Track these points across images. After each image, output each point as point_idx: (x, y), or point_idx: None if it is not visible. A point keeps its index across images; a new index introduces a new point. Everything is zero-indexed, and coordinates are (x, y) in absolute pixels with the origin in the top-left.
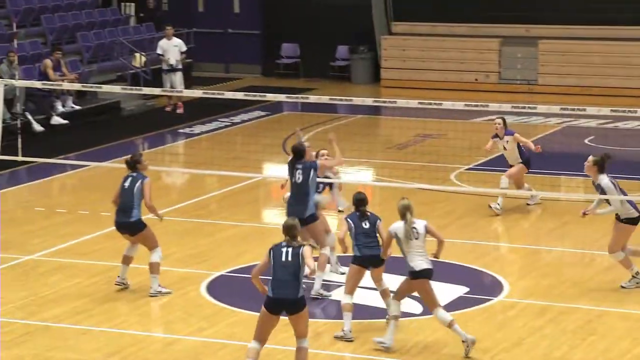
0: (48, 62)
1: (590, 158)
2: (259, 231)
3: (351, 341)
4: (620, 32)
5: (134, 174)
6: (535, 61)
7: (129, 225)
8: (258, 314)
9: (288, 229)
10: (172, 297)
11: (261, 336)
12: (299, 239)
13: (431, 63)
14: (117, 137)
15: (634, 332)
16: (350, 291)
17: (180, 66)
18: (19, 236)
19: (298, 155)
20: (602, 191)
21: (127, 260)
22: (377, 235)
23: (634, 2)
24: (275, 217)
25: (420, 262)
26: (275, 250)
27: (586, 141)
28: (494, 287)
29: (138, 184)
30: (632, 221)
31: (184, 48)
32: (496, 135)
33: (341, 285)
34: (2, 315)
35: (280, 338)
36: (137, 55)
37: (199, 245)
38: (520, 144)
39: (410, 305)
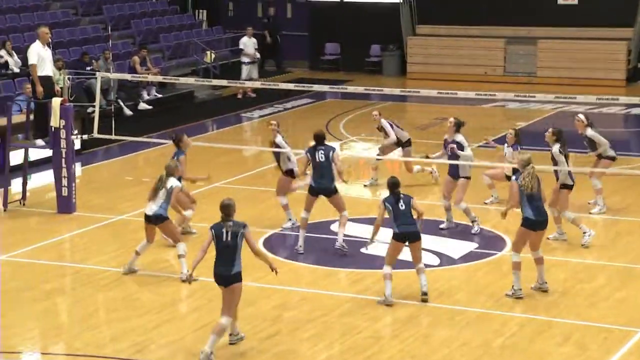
0: (136, 58)
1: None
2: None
3: (391, 305)
4: (605, 33)
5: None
6: (535, 57)
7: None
8: (304, 264)
9: (225, 207)
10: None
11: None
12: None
13: (448, 59)
14: (192, 119)
15: (618, 281)
16: (390, 262)
17: (256, 60)
18: (112, 200)
19: (320, 140)
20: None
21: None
22: (412, 211)
23: (616, 9)
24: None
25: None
26: (217, 229)
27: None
28: (499, 243)
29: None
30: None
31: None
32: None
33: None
34: (99, 264)
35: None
36: (208, 52)
37: (255, 210)
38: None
39: (429, 257)
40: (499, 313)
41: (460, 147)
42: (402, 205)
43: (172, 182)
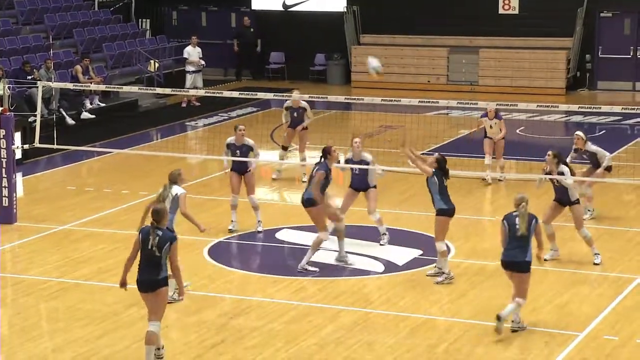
0: (78, 67)
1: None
2: (249, 206)
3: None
4: (545, 43)
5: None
6: (477, 66)
7: None
8: (248, 273)
9: (156, 213)
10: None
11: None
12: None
13: (392, 68)
14: (136, 129)
15: (560, 286)
16: (442, 239)
17: (201, 68)
18: (55, 210)
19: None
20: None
21: None
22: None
23: (557, 18)
24: (264, 194)
25: None
26: (144, 234)
27: (517, 131)
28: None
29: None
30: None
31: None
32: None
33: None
34: (41, 274)
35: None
36: (152, 61)
37: (202, 218)
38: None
39: (373, 264)
40: (444, 319)
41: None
42: (445, 182)
43: (177, 189)
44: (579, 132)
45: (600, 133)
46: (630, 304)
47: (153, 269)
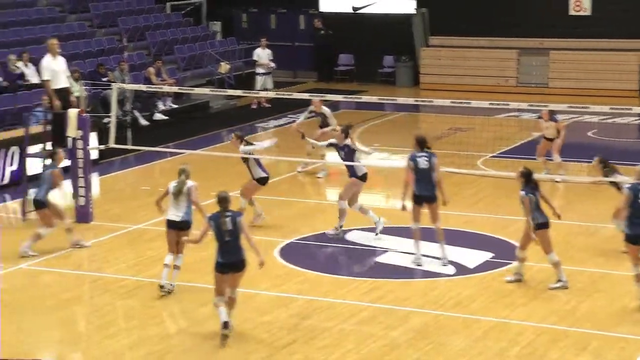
0: (151, 69)
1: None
2: (320, 207)
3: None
4: (617, 44)
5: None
6: (547, 68)
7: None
8: (319, 273)
9: (222, 201)
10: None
11: (222, 291)
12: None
13: (461, 70)
14: (207, 130)
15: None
16: (551, 250)
17: (270, 70)
18: (129, 209)
19: (422, 144)
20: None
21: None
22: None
23: (629, 19)
24: (334, 195)
25: None
26: (215, 219)
27: (589, 134)
28: (514, 253)
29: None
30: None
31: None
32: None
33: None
34: (116, 273)
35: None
36: (222, 64)
37: (274, 218)
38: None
39: (444, 267)
40: (515, 322)
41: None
42: None
43: (188, 183)
44: None
45: None
46: None
47: (238, 249)
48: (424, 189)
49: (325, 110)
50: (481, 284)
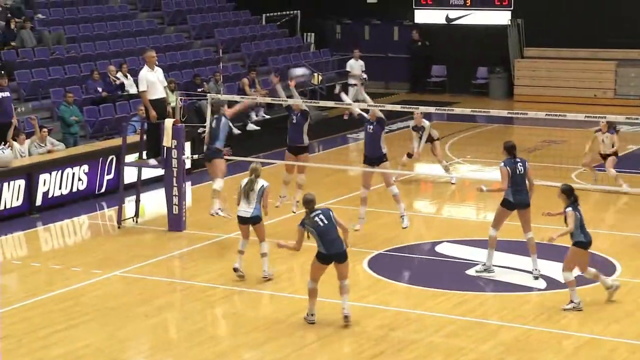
0: (245, 80)
1: None
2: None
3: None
4: None
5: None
6: None
7: None
8: (408, 285)
9: (308, 202)
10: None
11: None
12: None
13: (556, 81)
14: None
15: None
16: (571, 269)
17: (363, 81)
18: (221, 219)
19: (513, 151)
20: None
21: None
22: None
23: None
24: (425, 207)
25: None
26: (309, 221)
27: None
28: (608, 268)
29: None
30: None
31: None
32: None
33: None
34: (207, 281)
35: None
36: (316, 74)
37: (363, 228)
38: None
39: (535, 281)
40: (608, 339)
41: None
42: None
43: (262, 182)
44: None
45: None
46: None
47: (335, 241)
48: (519, 194)
49: (425, 123)
50: None
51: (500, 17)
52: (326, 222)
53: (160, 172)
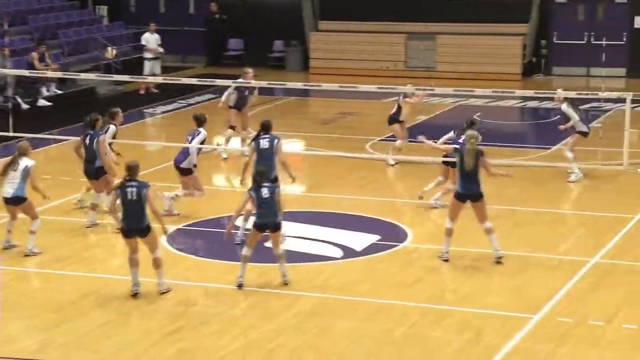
0: (34, 54)
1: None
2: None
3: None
4: (502, 29)
5: None
6: (434, 52)
7: None
8: (206, 259)
9: (130, 169)
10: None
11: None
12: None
13: (350, 54)
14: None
15: (515, 269)
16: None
17: (159, 55)
18: None
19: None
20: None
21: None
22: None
23: (511, 5)
24: (223, 181)
25: None
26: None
27: (474, 116)
28: (400, 235)
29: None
30: None
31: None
32: None
33: None
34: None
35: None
36: (109, 48)
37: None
38: None
39: (331, 250)
40: (401, 303)
41: None
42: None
43: (27, 161)
44: (559, 90)
45: (555, 118)
46: (584, 287)
47: (138, 217)
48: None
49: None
50: (367, 266)
51: None
52: (134, 197)
53: None
